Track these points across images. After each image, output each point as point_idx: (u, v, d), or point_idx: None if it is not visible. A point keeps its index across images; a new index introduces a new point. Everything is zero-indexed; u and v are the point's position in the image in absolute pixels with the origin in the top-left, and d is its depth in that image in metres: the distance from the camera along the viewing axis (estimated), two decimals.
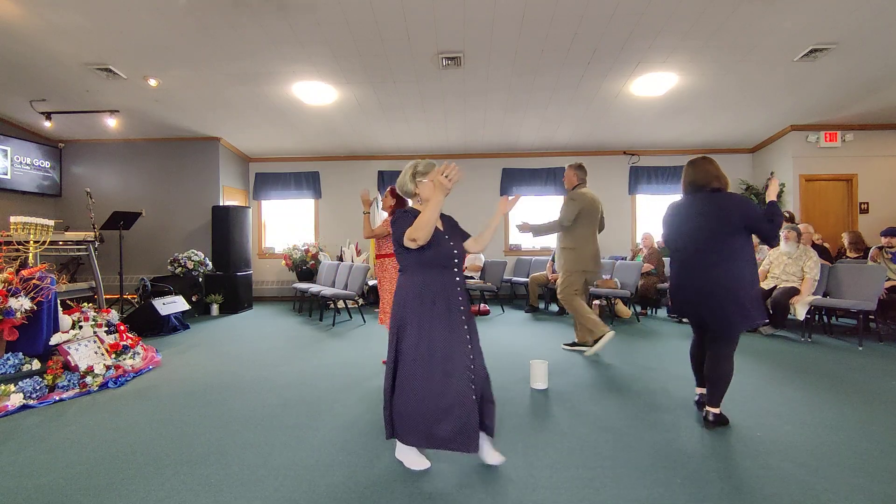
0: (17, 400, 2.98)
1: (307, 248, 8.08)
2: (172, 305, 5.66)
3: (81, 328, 3.90)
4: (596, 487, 1.95)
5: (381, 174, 8.64)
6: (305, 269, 8.00)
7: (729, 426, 2.57)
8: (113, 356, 3.81)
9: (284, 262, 8.14)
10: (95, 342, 3.81)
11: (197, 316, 6.79)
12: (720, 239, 2.56)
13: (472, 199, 8.10)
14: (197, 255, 6.90)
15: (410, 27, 4.43)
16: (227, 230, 7.17)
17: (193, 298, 6.64)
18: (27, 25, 4.36)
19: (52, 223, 4.27)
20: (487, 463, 2.12)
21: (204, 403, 3.05)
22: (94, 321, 4.04)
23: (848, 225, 7.16)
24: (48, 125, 6.51)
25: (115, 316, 4.37)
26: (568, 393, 3.19)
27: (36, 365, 3.37)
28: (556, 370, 3.70)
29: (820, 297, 4.97)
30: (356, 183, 8.52)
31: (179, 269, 6.75)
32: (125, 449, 2.37)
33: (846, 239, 6.03)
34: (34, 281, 3.52)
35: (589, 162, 8.25)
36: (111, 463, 2.21)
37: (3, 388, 3.03)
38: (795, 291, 5.01)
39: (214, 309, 6.99)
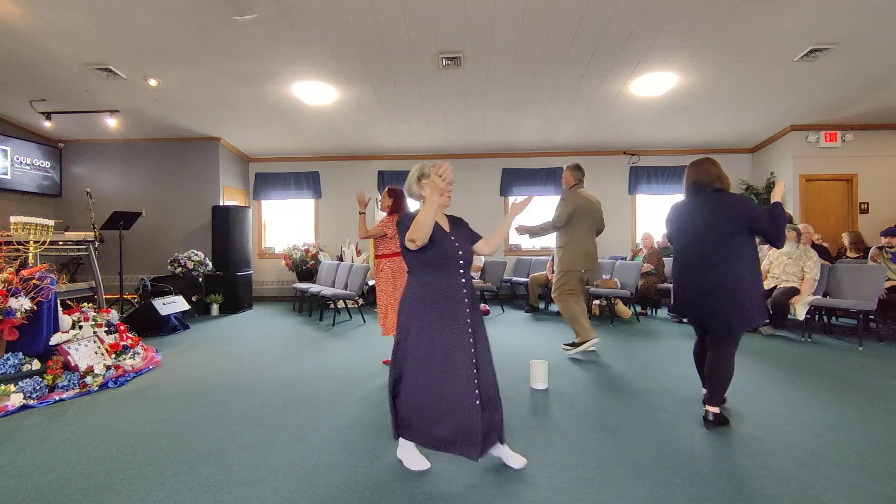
0: (17, 400, 2.98)
1: (307, 248, 8.08)
2: (172, 305, 5.66)
3: (81, 328, 3.90)
4: (596, 487, 1.95)
5: (381, 174, 8.64)
6: (305, 269, 8.00)
7: (729, 426, 2.57)
8: (113, 356, 3.81)
9: (284, 262, 8.14)
10: (95, 342, 3.81)
11: (197, 316, 6.79)
12: (721, 239, 2.56)
13: (472, 199, 8.10)
14: (197, 255, 6.90)
15: (410, 27, 4.43)
16: (227, 230, 7.17)
17: (193, 298, 6.64)
18: (27, 25, 4.37)
19: (52, 223, 4.27)
20: (511, 467, 2.10)
21: (204, 403, 3.05)
22: (94, 321, 4.04)
23: (848, 225, 7.16)
24: (48, 125, 6.51)
25: (115, 316, 4.37)
26: (568, 393, 3.19)
27: (36, 365, 3.37)
28: (556, 370, 3.70)
29: (820, 297, 4.97)
30: (356, 183, 8.52)
31: (179, 269, 6.75)
32: (125, 449, 2.37)
33: (846, 239, 6.04)
34: (34, 281, 3.52)
35: (589, 162, 8.29)
36: (111, 463, 2.21)
37: (3, 388, 3.03)
38: (795, 291, 5.01)
39: (214, 309, 6.99)
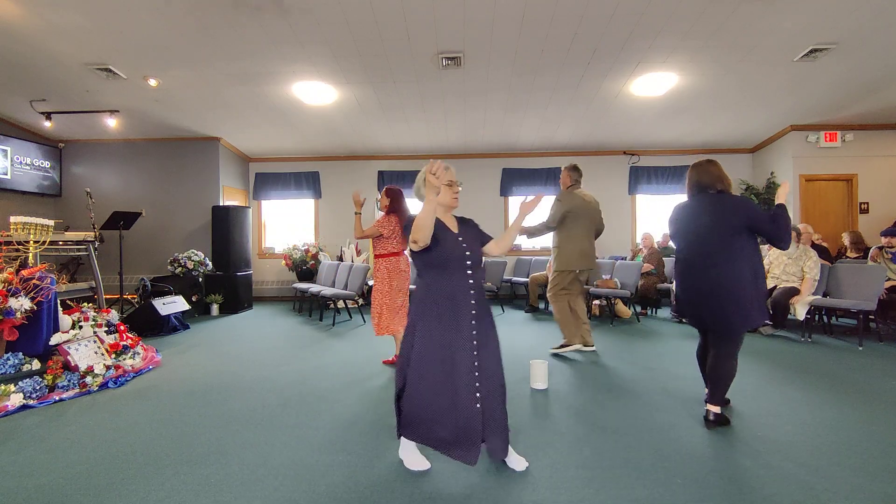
0: (17, 400, 2.98)
1: (307, 248, 8.08)
2: (172, 305, 5.66)
3: (81, 328, 3.90)
4: (596, 487, 1.95)
5: (381, 174, 8.64)
6: (305, 269, 8.00)
7: (729, 426, 2.57)
8: (113, 356, 3.81)
9: (284, 262, 8.13)
10: (95, 342, 3.81)
11: (197, 316, 6.79)
12: (722, 240, 2.57)
13: (472, 199, 8.10)
14: (197, 255, 6.90)
15: (410, 27, 4.43)
16: (227, 230, 7.17)
17: (193, 298, 6.64)
18: (27, 25, 4.36)
19: (52, 223, 4.27)
20: (513, 469, 2.10)
21: (204, 403, 3.05)
22: (94, 321, 4.03)
23: (848, 225, 7.16)
24: (48, 125, 6.51)
25: (115, 316, 4.37)
26: (568, 393, 3.19)
27: (36, 365, 3.37)
28: (556, 370, 3.71)
29: (820, 297, 4.97)
30: (356, 183, 8.52)
31: (179, 269, 6.75)
32: (125, 449, 2.37)
33: (847, 239, 6.04)
34: (34, 281, 3.52)
35: (589, 162, 8.31)
36: (111, 463, 2.21)
37: (3, 388, 3.03)
38: (795, 291, 5.01)
39: (214, 309, 6.99)
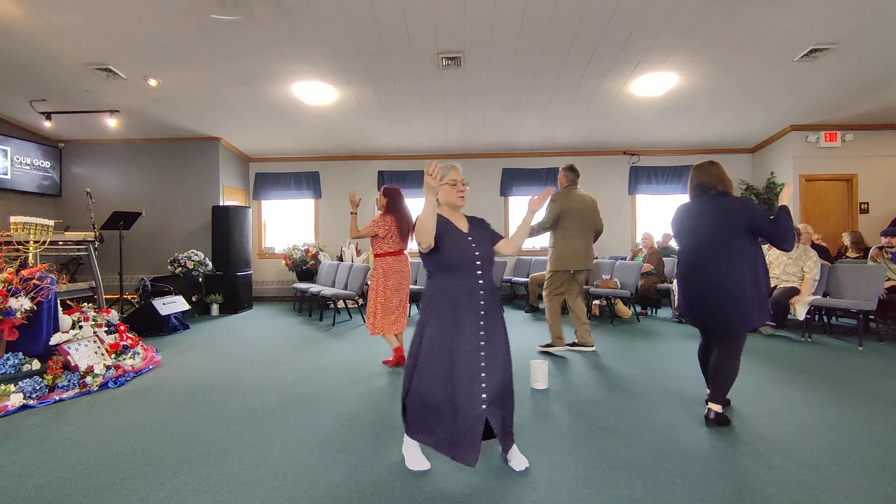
0: (17, 400, 2.98)
1: (307, 248, 8.08)
2: (172, 305, 5.66)
3: (81, 328, 3.90)
4: (596, 487, 1.95)
5: (381, 174, 8.64)
6: (305, 269, 8.00)
7: (730, 426, 2.57)
8: (113, 356, 3.81)
9: (284, 262, 8.14)
10: (95, 342, 3.81)
11: (197, 316, 6.79)
12: (722, 241, 2.58)
13: (472, 199, 7.98)
14: (197, 255, 6.90)
15: (410, 27, 4.43)
16: (227, 230, 7.17)
17: (193, 298, 6.64)
18: (27, 25, 4.37)
19: (52, 223, 4.27)
20: (512, 468, 2.10)
21: (204, 403, 3.05)
22: (94, 321, 4.03)
23: (848, 225, 7.16)
24: (48, 125, 6.51)
25: (115, 316, 4.37)
26: (568, 393, 3.19)
27: (36, 365, 3.37)
28: (556, 370, 3.71)
29: (820, 297, 4.97)
30: (356, 183, 8.52)
31: (179, 269, 6.75)
32: (125, 449, 2.37)
33: (848, 239, 6.04)
34: (34, 281, 3.52)
35: (589, 162, 8.31)
36: (111, 463, 2.21)
37: (3, 388, 3.03)
38: (795, 291, 5.01)
39: (214, 309, 6.99)
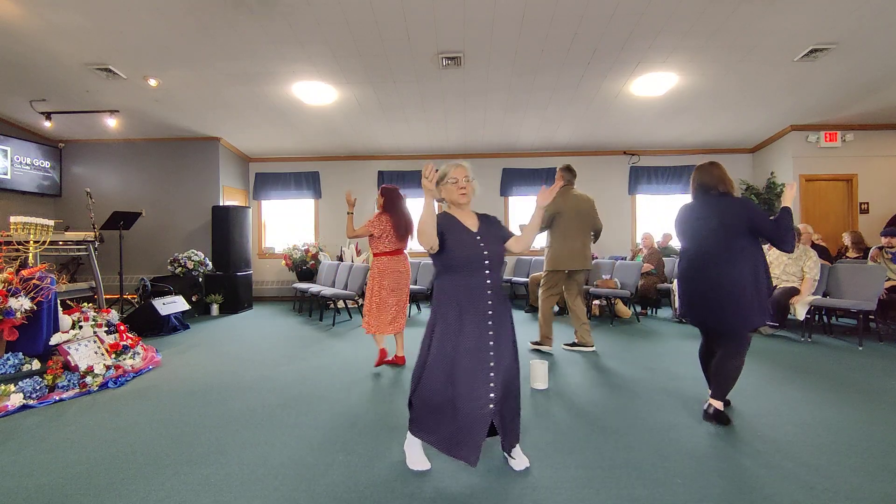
0: (17, 400, 2.98)
1: (307, 248, 8.08)
2: (172, 305, 5.66)
3: (81, 328, 3.90)
4: (596, 487, 1.95)
5: (381, 174, 8.64)
6: (305, 269, 8.00)
7: (728, 426, 2.57)
8: (113, 356, 3.81)
9: (284, 262, 8.14)
10: (95, 342, 3.81)
11: (197, 316, 6.79)
12: (722, 241, 2.58)
13: (472, 198, 8.08)
14: (197, 255, 6.90)
15: (410, 27, 4.43)
16: (227, 230, 7.17)
17: (193, 298, 6.64)
18: (27, 25, 4.36)
19: (52, 223, 4.27)
20: (512, 468, 2.10)
21: (204, 403, 3.05)
22: (94, 321, 4.03)
23: (848, 225, 7.16)
24: (48, 125, 6.51)
25: (115, 316, 4.37)
26: (568, 393, 3.19)
27: (36, 365, 3.37)
28: (556, 370, 3.70)
29: (820, 297, 4.97)
30: (356, 183, 8.53)
31: (179, 269, 6.75)
32: (125, 449, 2.37)
33: (848, 238, 6.03)
34: (34, 281, 3.52)
35: (589, 162, 8.32)
36: (111, 463, 2.21)
37: (3, 388, 3.03)
38: (795, 291, 5.01)
39: (214, 309, 6.99)
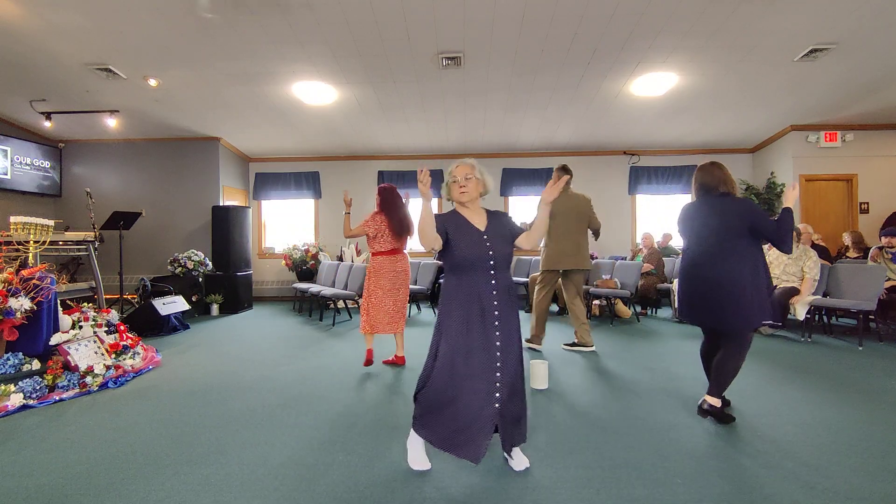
0: (17, 400, 2.98)
1: (307, 248, 8.08)
2: (172, 305, 5.66)
3: (81, 328, 3.90)
4: (596, 487, 1.95)
5: (381, 174, 8.64)
6: (305, 269, 8.00)
7: (727, 426, 2.57)
8: (113, 356, 3.81)
9: (284, 262, 8.14)
10: (95, 342, 3.81)
11: (197, 316, 6.79)
12: (722, 241, 2.59)
13: None
14: (197, 255, 6.90)
15: (410, 27, 4.43)
16: (227, 230, 7.17)
17: (193, 298, 6.64)
18: (27, 25, 4.36)
19: (52, 223, 4.27)
20: (512, 468, 2.10)
21: (204, 403, 3.05)
22: (94, 321, 4.03)
23: (848, 225, 7.16)
24: (48, 125, 6.51)
25: (115, 316, 4.37)
26: (568, 393, 3.19)
27: (36, 365, 3.37)
28: (556, 370, 3.70)
29: (820, 297, 4.97)
30: (356, 183, 8.53)
31: (179, 269, 6.75)
32: (125, 449, 2.37)
33: (849, 238, 6.03)
34: (34, 281, 3.52)
35: (589, 162, 8.32)
36: (111, 463, 2.21)
37: (3, 388, 3.03)
38: (795, 291, 5.01)
39: (214, 309, 6.99)
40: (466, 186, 2.12)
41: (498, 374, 1.96)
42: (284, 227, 9.03)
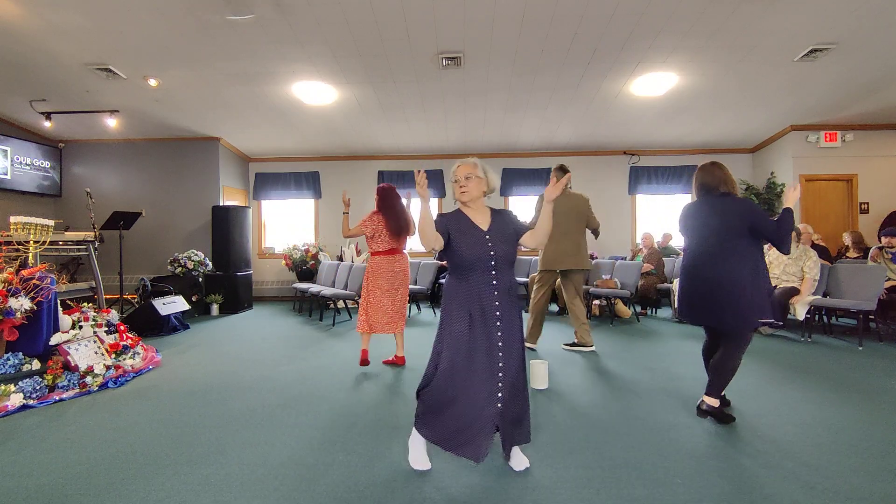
0: (17, 400, 2.98)
1: (307, 248, 8.08)
2: (172, 305, 5.66)
3: (81, 328, 3.89)
4: (596, 487, 1.95)
5: (381, 174, 8.64)
6: (305, 269, 8.00)
7: (730, 425, 2.57)
8: (113, 356, 3.80)
9: (284, 262, 8.14)
10: (95, 342, 3.81)
11: (197, 316, 6.79)
12: (723, 241, 2.59)
13: None
14: (197, 255, 6.90)
15: (410, 27, 4.43)
16: (227, 230, 7.17)
17: (193, 298, 6.64)
18: (27, 25, 4.36)
19: (52, 223, 4.27)
20: (512, 467, 2.10)
21: (204, 403, 3.05)
22: (94, 321, 4.03)
23: (848, 225, 7.17)
24: (48, 125, 6.51)
25: (115, 316, 4.36)
26: (568, 393, 3.19)
27: (36, 365, 3.37)
28: (556, 370, 3.70)
29: (820, 297, 4.97)
30: (356, 183, 8.53)
31: (179, 269, 6.75)
32: (125, 449, 2.37)
33: (849, 238, 6.03)
34: (34, 281, 3.52)
35: (589, 162, 8.32)
36: (111, 463, 2.21)
37: (3, 388, 3.03)
38: (795, 291, 5.01)
39: (214, 309, 6.99)
40: (467, 186, 2.11)
41: (500, 374, 1.97)
42: (284, 227, 9.03)
